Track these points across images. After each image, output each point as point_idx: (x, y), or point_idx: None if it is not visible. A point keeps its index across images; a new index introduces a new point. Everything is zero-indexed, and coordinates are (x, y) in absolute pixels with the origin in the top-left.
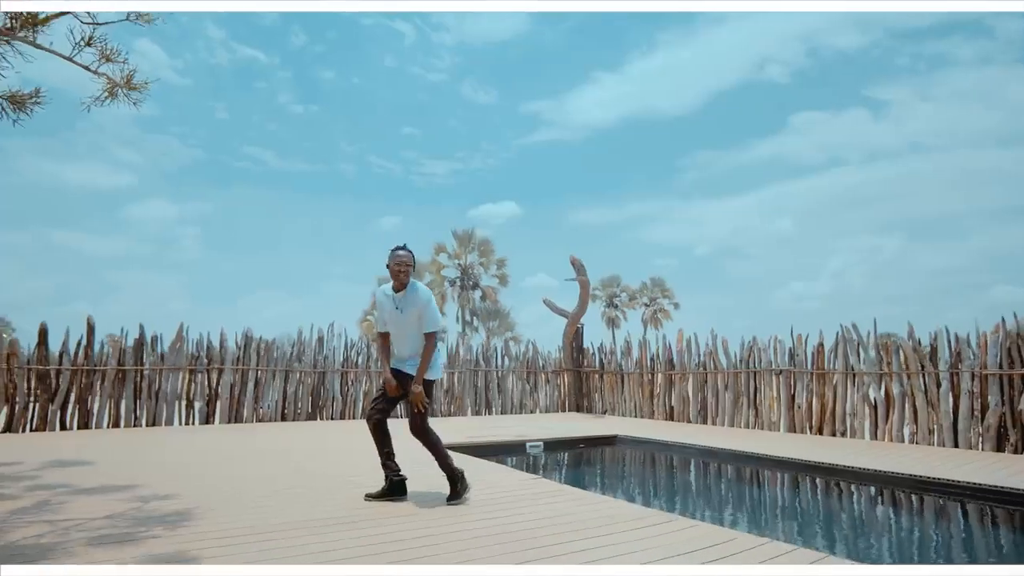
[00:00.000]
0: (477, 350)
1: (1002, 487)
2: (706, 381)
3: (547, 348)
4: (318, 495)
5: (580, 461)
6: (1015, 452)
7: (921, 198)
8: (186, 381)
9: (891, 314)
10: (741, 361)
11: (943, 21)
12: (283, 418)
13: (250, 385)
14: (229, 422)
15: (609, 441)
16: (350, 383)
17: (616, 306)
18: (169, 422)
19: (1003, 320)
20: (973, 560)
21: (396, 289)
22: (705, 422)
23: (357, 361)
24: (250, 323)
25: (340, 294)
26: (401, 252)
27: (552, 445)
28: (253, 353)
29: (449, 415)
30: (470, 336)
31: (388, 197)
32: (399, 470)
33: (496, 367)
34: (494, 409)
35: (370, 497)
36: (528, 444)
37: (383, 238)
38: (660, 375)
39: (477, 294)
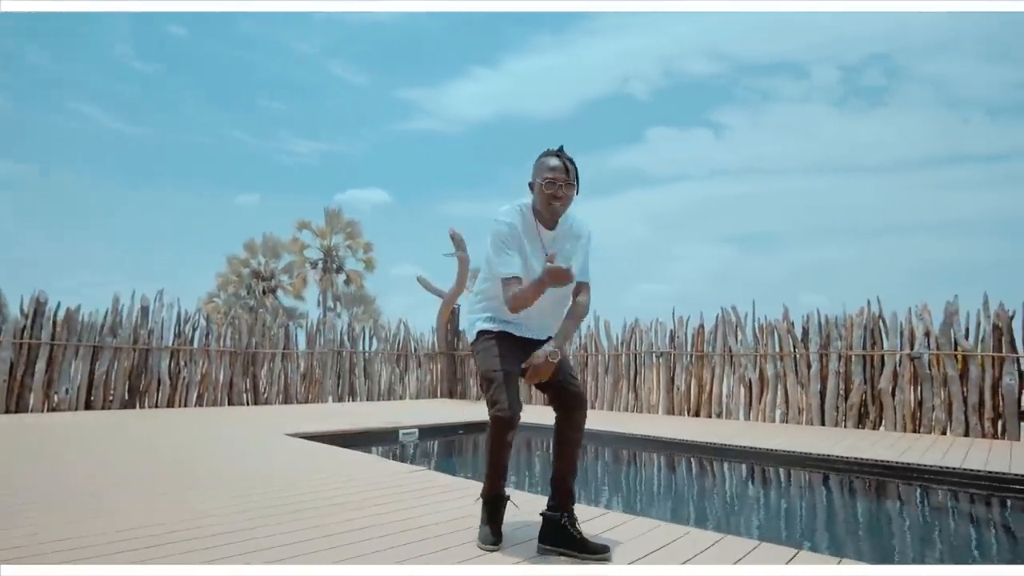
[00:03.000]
0: (342, 330)
1: (871, 460)
2: (586, 364)
3: (420, 330)
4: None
5: (457, 448)
6: (873, 428)
7: (749, 215)
8: None
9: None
10: (622, 343)
11: (774, 60)
12: (88, 406)
13: (40, 364)
14: (7, 412)
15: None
16: (182, 364)
17: None
18: None
19: (868, 303)
20: (827, 521)
21: (547, 222)
22: None
23: (192, 338)
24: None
25: (188, 276)
26: (556, 162)
27: (428, 432)
28: (47, 324)
29: (307, 401)
30: (332, 319)
31: (246, 173)
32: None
33: (363, 350)
34: (359, 395)
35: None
36: (401, 432)
37: (238, 217)
38: None
39: (341, 278)
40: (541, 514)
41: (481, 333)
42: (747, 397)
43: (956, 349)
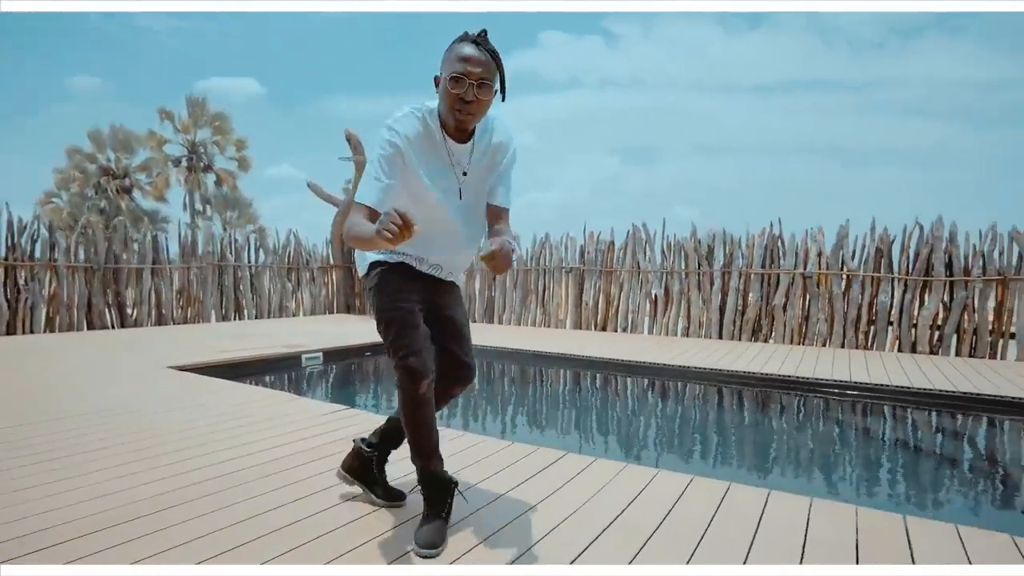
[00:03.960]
0: (223, 240)
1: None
2: (494, 279)
3: (308, 239)
4: None
5: (366, 373)
6: (765, 341)
7: (635, 126)
8: None
9: (602, 225)
10: (532, 258)
11: None
12: None
13: None
14: None
15: None
16: (21, 283)
17: None
18: None
19: (771, 224)
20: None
21: (454, 133)
22: (492, 321)
23: (32, 251)
24: None
25: (14, 172)
26: (471, 50)
27: (332, 355)
28: None
29: (185, 322)
30: (209, 228)
31: (83, 51)
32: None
33: (248, 262)
34: (246, 313)
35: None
36: (304, 357)
37: (75, 103)
38: None
39: (211, 178)
40: (353, 440)
41: (374, 265)
42: (652, 312)
43: (843, 269)
